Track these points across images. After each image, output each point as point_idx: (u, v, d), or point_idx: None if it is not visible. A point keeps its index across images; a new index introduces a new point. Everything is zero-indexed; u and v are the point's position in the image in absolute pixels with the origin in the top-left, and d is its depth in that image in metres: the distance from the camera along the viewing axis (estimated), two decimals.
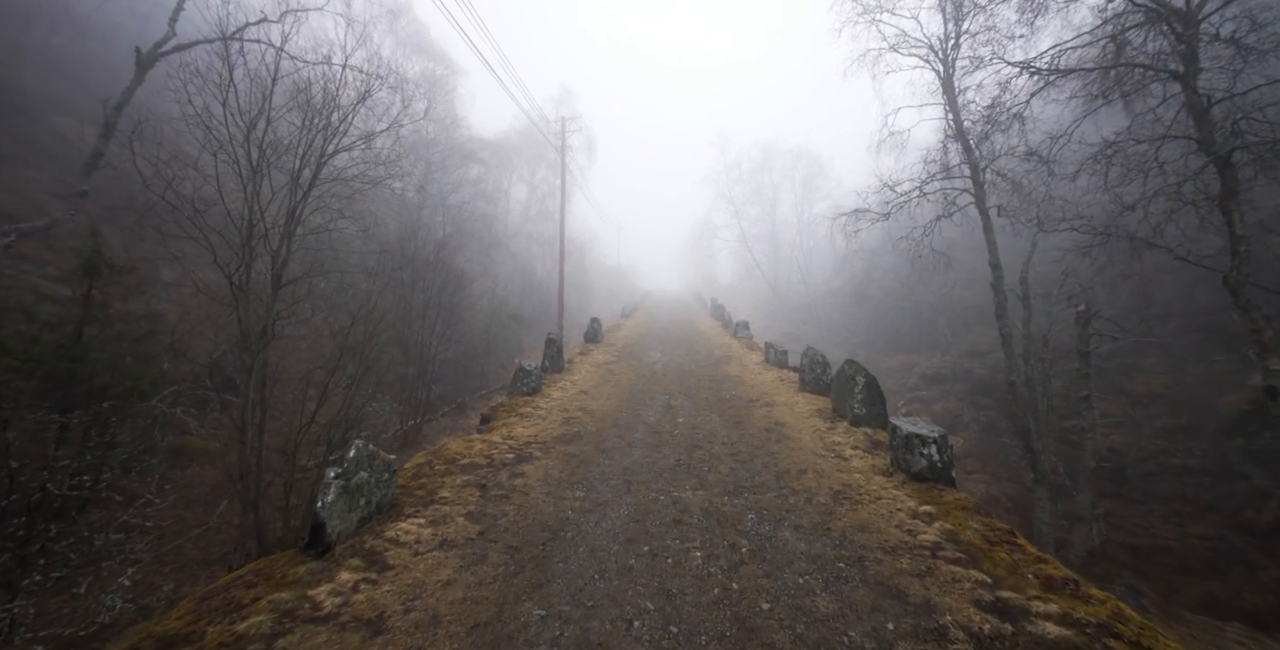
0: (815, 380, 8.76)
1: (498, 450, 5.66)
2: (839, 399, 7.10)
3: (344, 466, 3.45)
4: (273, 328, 6.99)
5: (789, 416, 7.32)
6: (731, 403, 8.29)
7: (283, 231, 7.21)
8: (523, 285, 26.61)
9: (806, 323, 43.00)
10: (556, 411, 7.54)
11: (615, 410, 7.70)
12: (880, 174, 10.88)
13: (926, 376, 27.67)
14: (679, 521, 4.02)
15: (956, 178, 10.68)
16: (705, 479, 4.93)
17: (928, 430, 4.62)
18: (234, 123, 6.60)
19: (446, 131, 23.47)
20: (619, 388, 9.35)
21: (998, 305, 10.09)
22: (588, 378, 10.18)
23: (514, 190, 42.12)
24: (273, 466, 7.83)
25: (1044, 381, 10.26)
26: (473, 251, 22.73)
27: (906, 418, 5.02)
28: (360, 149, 8.43)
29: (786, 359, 12.00)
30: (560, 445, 5.96)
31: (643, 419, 7.24)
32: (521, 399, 8.12)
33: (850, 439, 5.90)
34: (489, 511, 4.08)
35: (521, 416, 7.16)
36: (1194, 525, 11.92)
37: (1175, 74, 6.60)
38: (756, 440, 6.17)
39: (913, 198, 11.04)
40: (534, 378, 8.57)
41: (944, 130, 10.46)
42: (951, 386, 25.81)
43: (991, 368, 24.82)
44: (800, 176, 48.83)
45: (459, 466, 5.08)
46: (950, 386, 25.85)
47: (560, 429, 6.63)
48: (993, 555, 3.27)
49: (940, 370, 27.76)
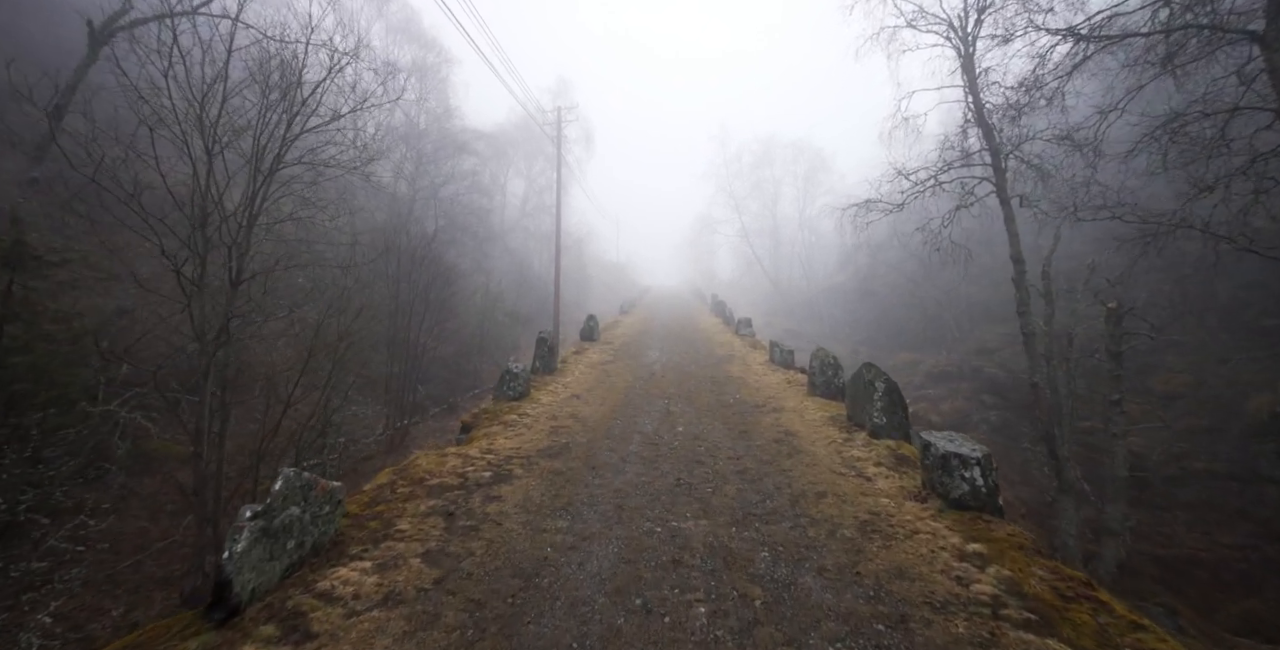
0: (826, 384, 8.11)
1: (474, 467, 5.00)
2: (855, 406, 6.44)
3: (267, 502, 2.79)
4: (228, 327, 6.30)
5: (800, 425, 6.66)
6: (736, 408, 7.64)
7: (242, 220, 6.53)
8: (518, 281, 25.92)
9: (808, 319, 42.38)
10: (544, 419, 6.88)
11: (609, 417, 7.04)
12: (893, 162, 10.18)
13: (933, 375, 27.04)
14: (678, 562, 3.36)
15: (976, 165, 9.98)
16: (709, 504, 4.27)
17: (969, 449, 3.95)
18: (182, 97, 5.90)
19: (439, 122, 22.71)
20: (614, 391, 8.69)
21: (1020, 302, 9.43)
22: (581, 380, 9.52)
23: (511, 184, 41.35)
24: (234, 478, 7.19)
25: (1068, 383, 9.60)
26: (466, 246, 22.03)
27: (941, 433, 4.36)
28: (331, 131, 7.72)
29: (793, 359, 11.35)
30: (545, 460, 5.30)
31: (639, 427, 6.58)
32: (507, 405, 7.46)
33: (872, 454, 5.25)
34: (452, 550, 3.42)
35: (505, 425, 6.50)
36: (1223, 534, 11.28)
37: (1254, 35, 5.84)
38: (766, 454, 5.51)
39: (928, 188, 10.34)
40: (521, 381, 7.91)
41: (964, 114, 9.76)
42: (959, 385, 25.17)
43: (1001, 366, 24.21)
44: (802, 171, 48.04)
45: (426, 488, 4.43)
46: (957, 385, 25.22)
47: (547, 440, 5.97)
48: (1070, 616, 2.61)
49: (947, 368, 27.13)
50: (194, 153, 5.97)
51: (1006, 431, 19.67)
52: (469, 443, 5.99)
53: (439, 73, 23.15)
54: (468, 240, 21.83)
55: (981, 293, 31.33)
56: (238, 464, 7.41)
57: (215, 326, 6.40)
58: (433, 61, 23.27)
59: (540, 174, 40.69)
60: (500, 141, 37.07)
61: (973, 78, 9.59)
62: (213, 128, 6.11)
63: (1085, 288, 10.05)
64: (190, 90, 5.92)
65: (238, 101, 6.66)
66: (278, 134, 6.61)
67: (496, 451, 5.51)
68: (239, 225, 6.48)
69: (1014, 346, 25.24)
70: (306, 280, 10.81)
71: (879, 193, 10.66)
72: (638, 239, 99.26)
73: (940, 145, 10.14)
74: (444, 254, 20.67)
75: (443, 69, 23.32)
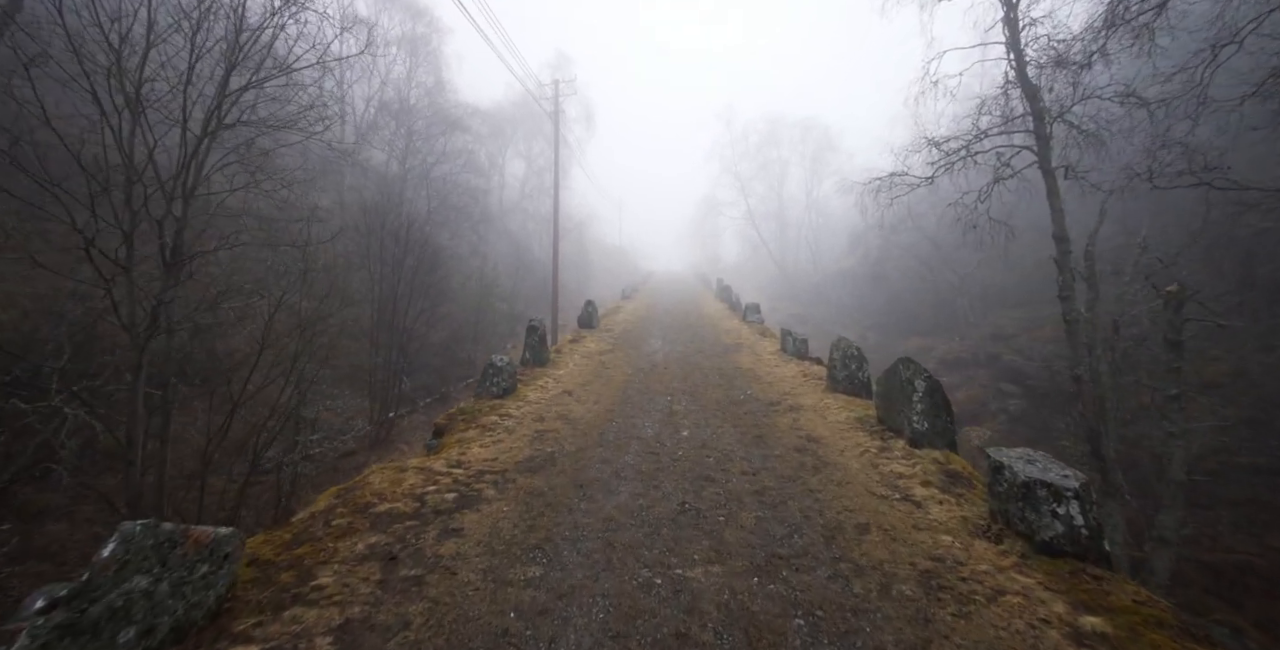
0: (849, 379, 7.20)
1: (436, 486, 4.14)
2: (888, 407, 5.54)
3: (82, 579, 1.93)
4: (162, 314, 5.42)
5: (823, 428, 5.78)
6: (747, 406, 6.76)
7: (175, 191, 5.60)
8: (516, 265, 24.95)
9: (815, 303, 41.37)
10: (529, 421, 6.02)
11: (604, 419, 6.17)
12: (922, 130, 9.12)
13: (946, 361, 26.10)
14: (683, 635, 2.50)
15: (1017, 131, 8.91)
16: (721, 540, 3.41)
17: (1058, 475, 3.05)
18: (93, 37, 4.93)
19: (430, 96, 21.53)
20: (611, 386, 7.82)
21: (1063, 285, 8.46)
22: (575, 373, 8.65)
23: (511, 166, 40.15)
24: (183, 487, 6.39)
25: (1113, 376, 8.67)
26: (460, 228, 21.03)
27: (1016, 450, 3.46)
28: (291, 89, 6.73)
29: (807, 348, 10.43)
30: (524, 476, 4.44)
31: (637, 431, 5.71)
32: (488, 403, 6.59)
33: (916, 469, 4.36)
34: (381, 619, 2.56)
35: (483, 429, 5.64)
36: (1272, 536, 10.44)
37: None
38: (787, 467, 4.64)
39: (959, 158, 9.29)
40: (506, 376, 7.04)
41: (1004, 73, 8.67)
42: (974, 372, 24.26)
43: (1019, 352, 23.23)
44: (809, 151, 46.52)
45: (371, 518, 3.57)
46: (973, 372, 24.30)
47: (529, 449, 5.11)
48: None
49: (961, 355, 26.19)
50: (107, 107, 5.02)
51: (1027, 422, 18.80)
52: (438, 452, 5.13)
53: (430, 43, 21.92)
54: (462, 222, 20.83)
55: (996, 276, 30.20)
56: (187, 470, 6.60)
57: (147, 314, 5.51)
58: (423, 32, 22.00)
59: (540, 154, 39.43)
60: (498, 120, 35.77)
61: (1015, 32, 8.48)
62: (135, 75, 5.14)
63: (1135, 269, 9.06)
64: (102, 24, 4.94)
65: (169, 49, 5.67)
66: (214, 88, 5.63)
67: (467, 464, 4.65)
68: (172, 197, 5.55)
69: (1032, 332, 24.25)
70: (279, 261, 9.89)
71: (904, 164, 9.62)
72: (641, 224, 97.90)
73: (975, 111, 9.05)
74: (436, 236, 19.72)
75: (434, 39, 22.08)
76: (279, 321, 7.37)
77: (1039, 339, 23.39)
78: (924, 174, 9.44)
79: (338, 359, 13.38)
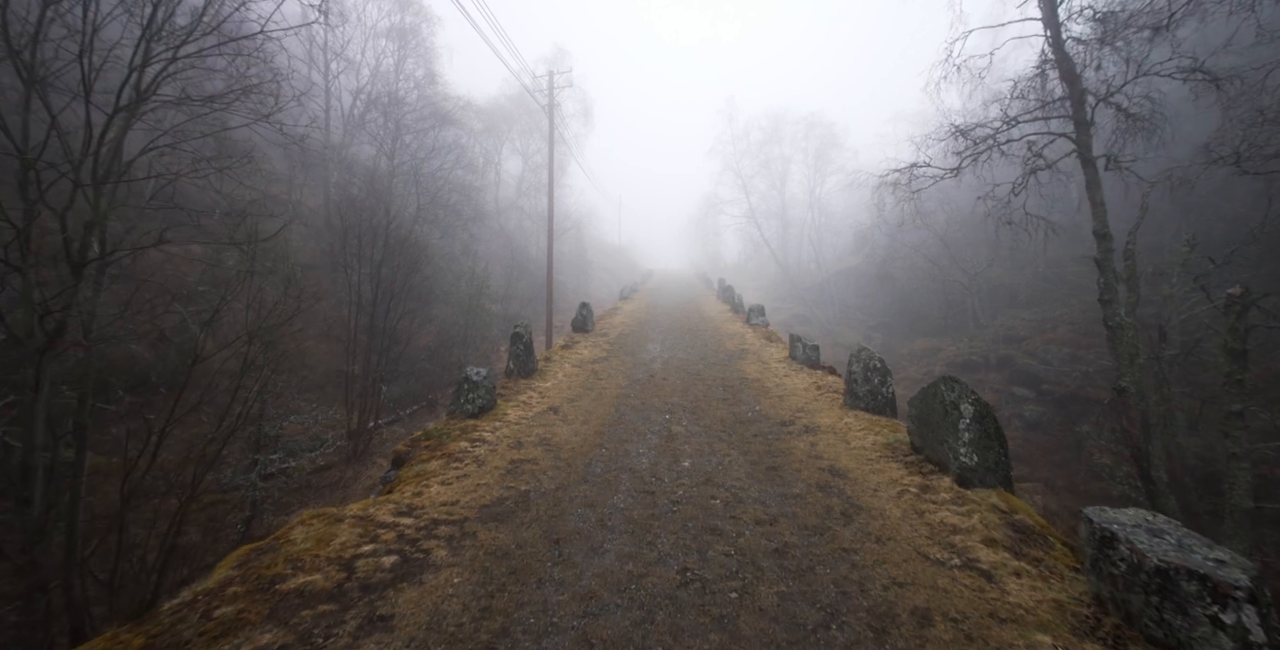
0: (872, 395, 6.34)
1: (375, 544, 3.29)
2: (925, 432, 4.69)
3: None
4: (65, 322, 4.56)
5: (847, 456, 4.92)
6: (757, 426, 5.90)
7: (85, 176, 4.73)
8: (510, 265, 24.09)
9: (818, 304, 40.55)
10: (505, 448, 5.16)
11: (592, 443, 5.31)
12: (947, 117, 8.26)
13: (955, 364, 25.26)
14: None
15: (1053, 117, 8.04)
16: (735, 633, 2.55)
17: (1211, 560, 2.20)
18: None
19: (420, 89, 20.65)
20: (603, 401, 6.96)
21: (1105, 287, 7.60)
22: (564, 385, 7.79)
23: (507, 163, 39.27)
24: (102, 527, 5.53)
25: (1159, 388, 7.82)
26: (451, 226, 20.17)
27: (1128, 512, 2.61)
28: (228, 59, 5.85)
29: (818, 356, 9.57)
30: (488, 527, 3.59)
31: (630, 461, 4.86)
32: (460, 424, 5.73)
33: (973, 519, 3.50)
34: None
35: (449, 459, 4.78)
36: None
37: None
38: (811, 513, 3.78)
39: (986, 148, 8.42)
40: (483, 392, 6.17)
41: (1041, 52, 7.79)
42: (985, 375, 23.41)
43: (1032, 355, 22.38)
44: (813, 148, 45.60)
45: (274, 601, 2.72)
46: (983, 375, 23.45)
47: (499, 487, 4.25)
48: None
49: (970, 357, 25.34)
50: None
51: (1045, 428, 17.95)
52: (391, 489, 4.28)
53: (419, 33, 21.01)
54: (453, 220, 19.96)
55: (1005, 275, 29.38)
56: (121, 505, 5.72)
57: (51, 323, 4.65)
58: (412, 21, 21.10)
59: (537, 152, 38.53)
60: (493, 116, 34.88)
61: (1052, 5, 7.61)
62: (24, 39, 4.27)
63: (1183, 269, 8.20)
64: None
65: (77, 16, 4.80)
66: (134, 58, 4.76)
67: (421, 510, 3.79)
68: (79, 184, 4.69)
69: (1045, 334, 23.42)
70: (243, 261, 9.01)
71: (926, 155, 8.73)
72: (641, 223, 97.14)
73: (1005, 96, 8.18)
74: (425, 235, 18.86)
75: (423, 29, 21.17)
76: (231, 328, 6.51)
77: (1053, 341, 22.57)
78: (948, 165, 8.58)
79: (310, 366, 12.53)
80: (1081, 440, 11.38)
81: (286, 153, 17.21)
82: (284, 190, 17.59)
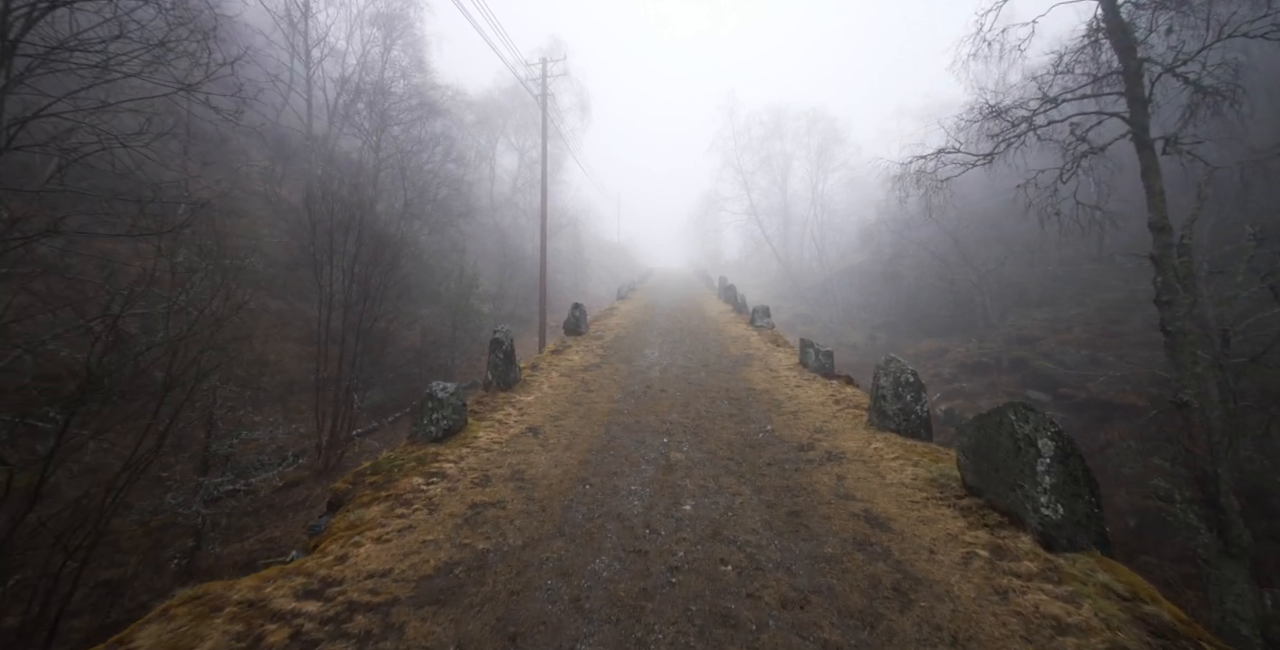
0: (904, 414, 5.42)
1: (262, 647, 2.37)
2: (986, 473, 3.77)
3: None
4: None
5: (884, 496, 4.01)
6: (770, 451, 4.99)
7: None
8: (504, 263, 23.15)
9: (821, 303, 39.67)
10: (467, 486, 4.23)
11: (573, 478, 4.39)
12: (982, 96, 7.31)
13: (966, 365, 24.34)
14: None
15: (1106, 94, 7.11)
16: None
17: None
18: None
19: (406, 78, 19.70)
20: (591, 419, 6.04)
21: (1163, 288, 6.70)
22: (549, 399, 6.87)
23: (503, 159, 38.34)
24: None
25: (1224, 402, 6.91)
26: (439, 222, 19.22)
27: None
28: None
29: (832, 363, 8.66)
30: (421, 617, 2.67)
31: (618, 504, 3.94)
32: (419, 452, 4.81)
33: (1084, 610, 2.57)
34: None
35: (395, 502, 3.87)
36: None
37: None
38: (854, 591, 2.86)
39: (1025, 131, 7.49)
40: (449, 411, 5.25)
41: (1092, 20, 6.85)
42: (997, 378, 22.47)
43: (1047, 357, 21.46)
44: (815, 143, 44.62)
45: None
46: (995, 378, 22.53)
47: (450, 546, 3.33)
48: None
49: (981, 358, 24.41)
50: None
51: None
52: (314, 547, 3.37)
53: (406, 18, 20.05)
54: (441, 216, 19.02)
55: (1015, 273, 28.48)
56: None
57: None
58: (399, 6, 20.12)
59: (533, 147, 37.58)
60: (487, 109, 33.93)
61: None
62: None
63: (1248, 267, 7.29)
64: None
65: None
66: None
67: (337, 586, 2.87)
68: None
69: (1059, 335, 22.48)
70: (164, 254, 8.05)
71: (957, 141, 7.80)
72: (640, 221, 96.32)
73: (1047, 72, 7.25)
74: (416, 232, 17.93)
75: (410, 14, 20.21)
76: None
77: (1069, 342, 21.66)
78: (979, 150, 7.65)
79: (284, 372, 11.62)
80: (1122, 455, 10.44)
81: (264, 143, 16.27)
82: (259, 183, 16.63)
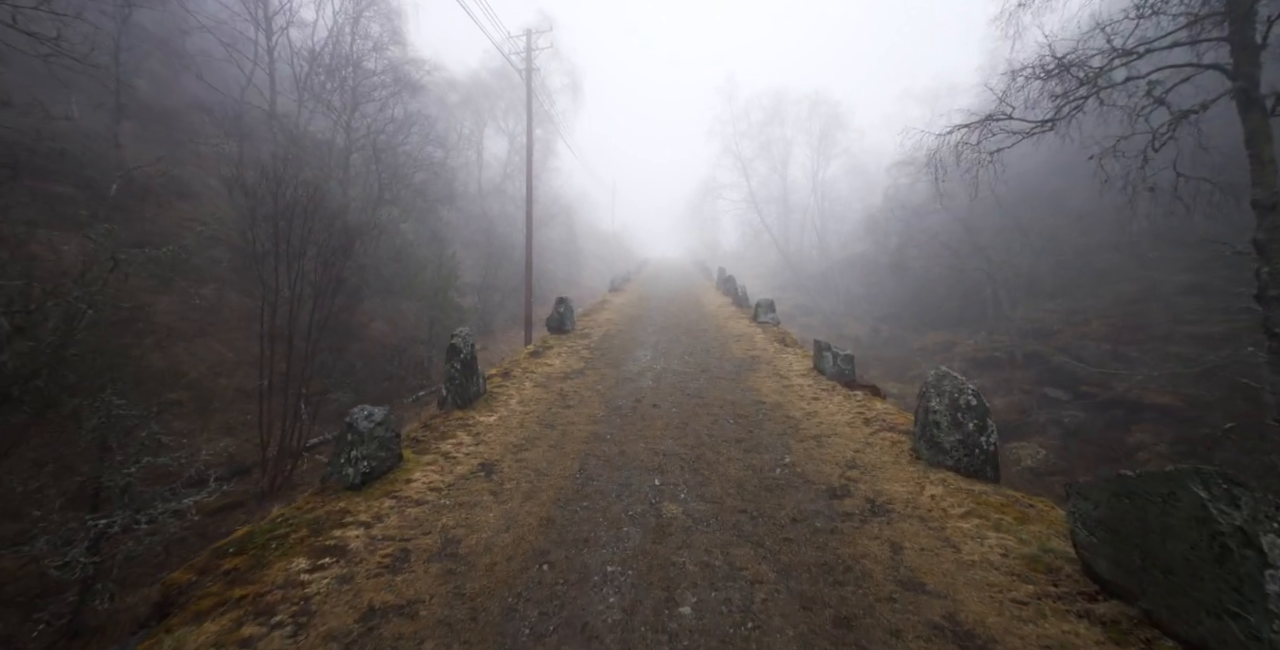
0: (967, 446, 4.16)
1: None
2: (1134, 568, 2.53)
3: None
4: None
5: (967, 589, 2.76)
6: (792, 500, 3.74)
7: None
8: (489, 253, 21.75)
9: (822, 293, 38.43)
10: (369, 574, 2.95)
11: (528, 551, 3.12)
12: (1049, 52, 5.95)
13: (976, 361, 23.11)
14: None
15: (1204, 40, 5.79)
16: None
17: None
18: None
19: (378, 51, 18.15)
20: (564, 449, 4.76)
21: (1270, 280, 5.44)
22: (515, 419, 5.58)
23: (491, 144, 36.63)
24: None
25: None
26: (416, 208, 17.79)
27: None
28: None
29: (853, 370, 7.40)
30: None
31: (585, 603, 2.67)
32: (320, 512, 3.52)
33: None
34: None
35: (248, 610, 2.58)
36: None
37: None
38: None
39: (1088, 94, 6.18)
40: (374, 447, 3.96)
41: None
42: (1010, 374, 21.26)
43: (1065, 351, 20.26)
44: (817, 128, 43.01)
45: None
46: (1008, 374, 21.31)
47: None
48: None
49: (993, 353, 23.18)
50: None
51: (1086, 436, 15.89)
52: None
53: None
54: (417, 200, 17.59)
55: (1026, 262, 27.24)
56: None
57: None
58: None
59: (523, 131, 35.87)
60: (474, 91, 32.23)
61: None
62: None
63: None
64: None
65: None
66: None
67: None
68: None
69: (1077, 328, 21.23)
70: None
71: (1008, 106, 6.46)
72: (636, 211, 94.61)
73: (1122, 19, 5.91)
74: (396, 221, 16.52)
75: None
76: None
77: (1088, 336, 20.44)
78: (1034, 117, 6.34)
79: (230, 375, 10.30)
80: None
81: (213, 118, 14.78)
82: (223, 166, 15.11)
